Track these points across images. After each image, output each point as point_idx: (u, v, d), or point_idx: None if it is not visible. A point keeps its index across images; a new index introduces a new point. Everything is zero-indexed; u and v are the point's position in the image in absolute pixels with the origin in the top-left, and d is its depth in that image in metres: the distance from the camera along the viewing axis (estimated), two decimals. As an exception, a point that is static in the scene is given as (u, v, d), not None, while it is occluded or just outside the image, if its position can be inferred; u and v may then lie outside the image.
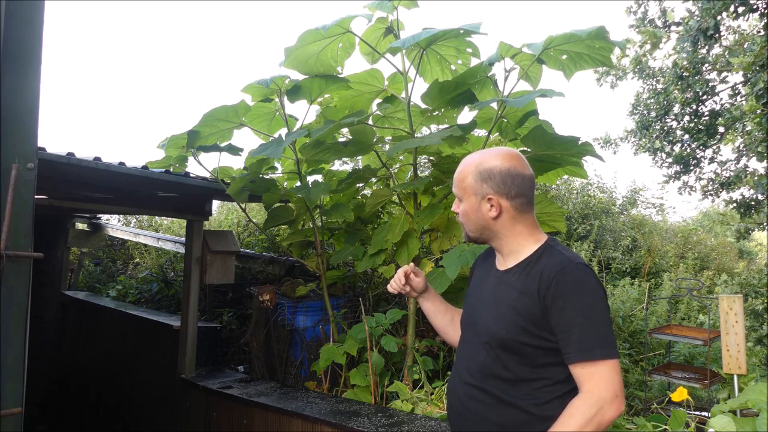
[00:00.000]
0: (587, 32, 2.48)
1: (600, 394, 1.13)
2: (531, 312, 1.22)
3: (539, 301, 1.21)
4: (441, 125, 3.26)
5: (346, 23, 2.88)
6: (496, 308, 1.31)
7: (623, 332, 4.76)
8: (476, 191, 1.33)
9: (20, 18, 1.15)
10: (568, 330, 1.17)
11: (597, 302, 1.20)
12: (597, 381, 1.14)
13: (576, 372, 1.17)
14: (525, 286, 1.26)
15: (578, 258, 1.27)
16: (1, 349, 1.08)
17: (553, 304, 1.19)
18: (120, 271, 6.49)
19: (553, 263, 1.24)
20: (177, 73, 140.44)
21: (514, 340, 1.24)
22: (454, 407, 1.38)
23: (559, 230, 3.21)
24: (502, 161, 1.32)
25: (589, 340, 1.16)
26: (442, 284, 2.78)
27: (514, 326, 1.24)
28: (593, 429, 1.11)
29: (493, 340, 1.28)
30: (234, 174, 3.46)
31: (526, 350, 1.23)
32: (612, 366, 1.15)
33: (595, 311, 1.18)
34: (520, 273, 1.30)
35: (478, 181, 1.32)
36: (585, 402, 1.14)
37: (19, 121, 1.14)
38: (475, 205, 1.33)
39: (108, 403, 4.69)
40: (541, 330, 1.21)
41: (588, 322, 1.17)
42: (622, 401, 1.14)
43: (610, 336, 1.17)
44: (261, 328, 3.77)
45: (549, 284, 1.20)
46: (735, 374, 2.94)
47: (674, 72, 6.93)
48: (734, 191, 7.33)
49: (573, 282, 1.20)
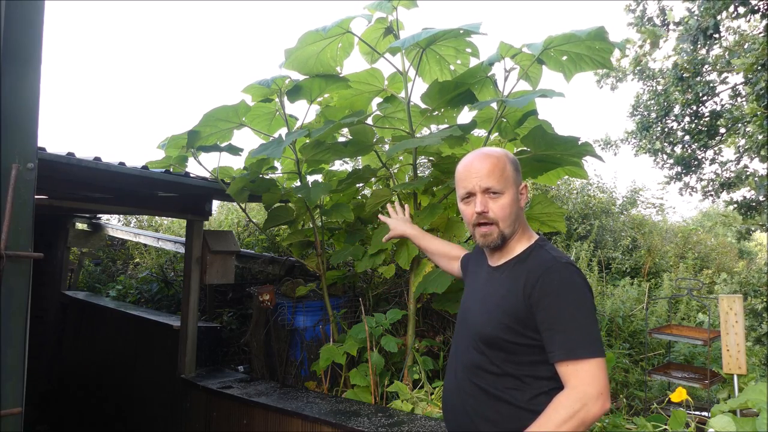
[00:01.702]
0: (587, 32, 2.48)
1: (585, 390, 1.13)
2: (516, 310, 1.23)
3: (524, 300, 1.22)
4: (441, 125, 3.26)
5: (345, 24, 2.89)
6: (484, 305, 1.33)
7: (623, 332, 4.76)
8: (516, 181, 1.33)
9: (20, 18, 1.15)
10: (552, 329, 1.18)
11: (582, 301, 1.20)
12: (582, 378, 1.14)
13: (561, 370, 1.18)
14: (511, 285, 1.27)
15: (565, 257, 1.27)
16: (1, 349, 1.08)
17: (539, 303, 1.20)
18: (120, 271, 6.49)
19: (539, 262, 1.25)
20: (177, 73, 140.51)
21: (499, 338, 1.25)
22: (449, 404, 1.39)
23: (559, 230, 3.21)
24: (509, 153, 1.38)
25: (573, 338, 1.16)
26: (442, 284, 2.79)
27: (499, 324, 1.25)
28: (577, 424, 1.11)
29: (481, 336, 1.29)
30: (234, 174, 3.46)
31: (512, 347, 1.24)
32: (597, 364, 1.15)
33: (580, 310, 1.19)
34: (509, 271, 1.31)
35: (516, 171, 1.34)
36: (570, 397, 1.14)
37: (19, 121, 1.14)
38: (515, 195, 1.32)
39: (108, 403, 4.69)
40: (525, 328, 1.22)
41: (572, 321, 1.18)
42: (608, 399, 1.14)
43: (595, 335, 1.18)
44: (261, 328, 3.77)
45: (534, 284, 1.21)
46: (735, 374, 2.94)
47: (674, 73, 6.93)
48: (735, 192, 7.33)
49: (558, 281, 1.21)
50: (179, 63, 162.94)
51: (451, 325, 3.71)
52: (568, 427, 1.11)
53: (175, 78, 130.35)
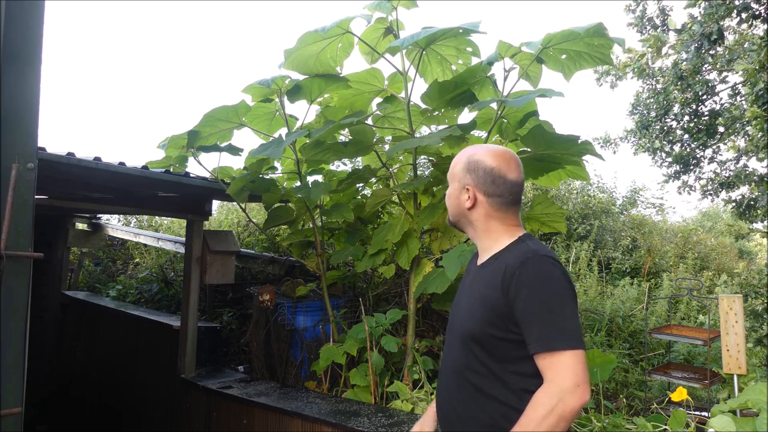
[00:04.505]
0: (586, 29, 2.48)
1: (560, 384, 1.12)
2: (496, 304, 1.23)
3: (503, 293, 1.22)
4: (441, 125, 3.26)
5: (345, 24, 2.89)
6: (468, 303, 1.35)
7: (623, 332, 4.76)
8: (460, 179, 1.40)
9: (20, 18, 1.15)
10: (529, 321, 1.18)
11: (559, 293, 1.19)
12: (557, 371, 1.14)
13: (539, 363, 1.18)
14: (491, 279, 1.28)
15: (545, 250, 1.27)
16: (1, 349, 1.08)
17: (516, 296, 1.20)
18: (120, 271, 6.49)
19: (517, 255, 1.26)
20: (177, 73, 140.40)
21: (482, 332, 1.25)
22: (439, 406, 1.39)
23: (560, 231, 3.21)
24: (491, 160, 1.35)
25: (549, 331, 1.16)
26: (441, 285, 2.79)
27: (480, 319, 1.26)
28: (555, 419, 1.11)
29: (465, 333, 1.30)
30: (234, 174, 3.46)
31: (495, 343, 1.24)
32: (573, 356, 1.14)
33: (557, 302, 1.18)
34: (490, 266, 1.33)
35: (464, 170, 1.39)
36: (546, 393, 1.14)
37: (19, 121, 1.14)
38: (456, 191, 1.41)
39: (108, 403, 4.69)
40: (506, 322, 1.22)
41: (549, 313, 1.17)
42: (586, 390, 1.13)
43: (573, 327, 1.17)
44: (261, 328, 3.77)
45: (512, 276, 1.21)
46: (735, 374, 2.94)
47: (674, 72, 6.93)
48: (734, 191, 7.33)
49: (535, 273, 1.20)
50: (179, 63, 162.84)
51: (451, 325, 3.70)
52: (547, 423, 1.11)
53: (175, 78, 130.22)
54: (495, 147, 1.42)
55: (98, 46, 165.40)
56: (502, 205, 1.34)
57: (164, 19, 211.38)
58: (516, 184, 1.36)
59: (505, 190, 1.34)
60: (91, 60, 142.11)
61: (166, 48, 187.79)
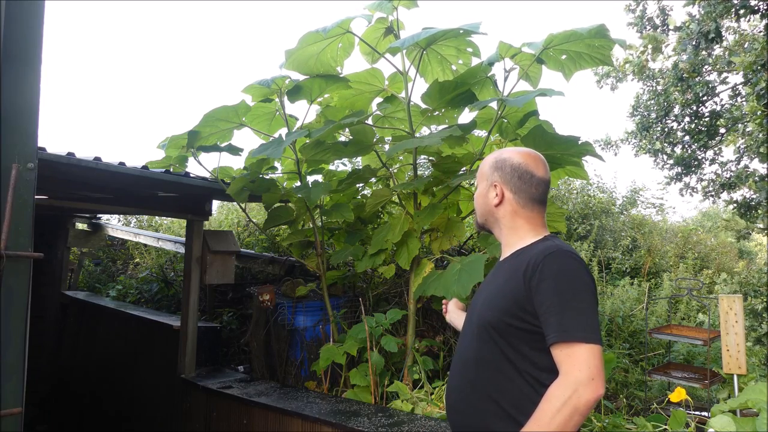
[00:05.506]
0: (588, 30, 2.49)
1: (575, 376, 1.12)
2: (516, 294, 1.25)
3: (524, 283, 1.24)
4: (441, 125, 3.26)
5: (346, 24, 2.89)
6: (487, 295, 1.36)
7: (623, 332, 4.76)
8: (487, 177, 1.43)
9: (20, 18, 1.15)
10: (549, 312, 1.19)
11: (580, 288, 1.20)
12: (573, 362, 1.14)
13: (555, 354, 1.18)
14: (513, 271, 1.30)
15: (569, 247, 1.29)
16: (1, 349, 1.08)
17: (538, 287, 1.21)
18: (120, 271, 6.49)
19: (541, 249, 1.27)
20: (177, 73, 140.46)
21: (500, 321, 1.26)
22: (450, 402, 1.39)
23: (560, 230, 3.21)
24: (518, 157, 1.40)
25: (568, 322, 1.16)
26: (441, 287, 2.78)
27: (500, 308, 1.27)
28: (570, 411, 1.11)
29: (483, 323, 1.31)
30: (234, 174, 3.46)
31: (512, 332, 1.25)
32: (590, 349, 1.14)
33: (578, 296, 1.19)
34: (512, 260, 1.35)
35: (492, 168, 1.42)
36: (560, 385, 1.14)
37: (19, 121, 1.14)
38: (484, 190, 1.43)
39: (108, 403, 4.69)
40: (524, 312, 1.23)
41: (569, 305, 1.18)
42: (600, 384, 1.13)
43: (592, 322, 1.17)
44: (261, 328, 3.77)
45: (535, 267, 1.23)
46: (735, 374, 2.94)
47: (674, 73, 6.93)
48: (735, 192, 7.33)
49: (559, 267, 1.22)
50: (179, 63, 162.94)
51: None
52: (561, 415, 1.11)
53: (174, 78, 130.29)
54: (522, 148, 1.47)
55: (98, 46, 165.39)
56: (528, 202, 1.37)
57: (164, 19, 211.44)
58: (542, 181, 1.38)
59: (531, 186, 1.37)
60: (91, 60, 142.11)
61: (166, 48, 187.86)
